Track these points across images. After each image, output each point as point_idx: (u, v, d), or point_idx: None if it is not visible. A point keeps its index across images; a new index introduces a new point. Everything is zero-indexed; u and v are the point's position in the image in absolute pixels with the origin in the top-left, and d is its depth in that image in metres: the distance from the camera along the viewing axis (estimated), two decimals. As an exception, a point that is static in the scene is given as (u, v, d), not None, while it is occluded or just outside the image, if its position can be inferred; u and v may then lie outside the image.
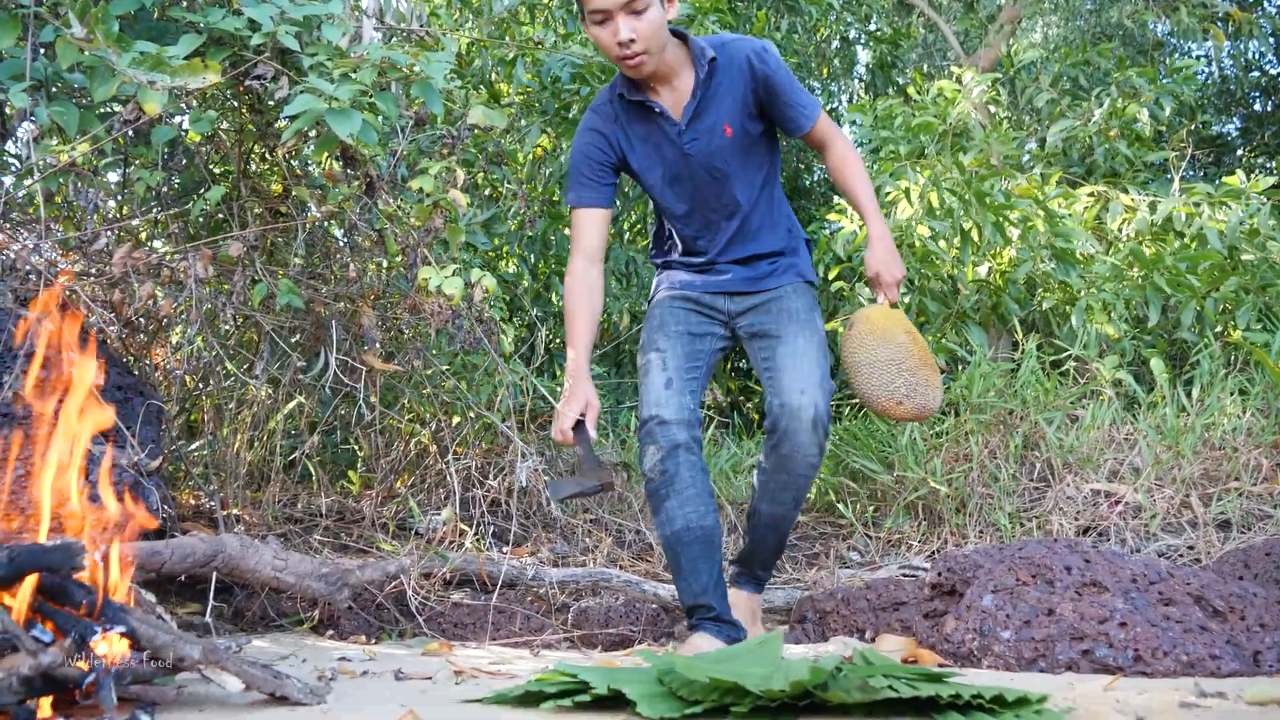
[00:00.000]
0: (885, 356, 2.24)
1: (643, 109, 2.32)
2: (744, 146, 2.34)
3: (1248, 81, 8.98)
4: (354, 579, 2.31)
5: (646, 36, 2.17)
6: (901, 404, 2.23)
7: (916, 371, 2.25)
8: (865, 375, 2.27)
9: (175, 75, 2.07)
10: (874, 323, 2.30)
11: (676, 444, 2.24)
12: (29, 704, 1.27)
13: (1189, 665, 1.76)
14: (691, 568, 2.20)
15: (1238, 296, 4.26)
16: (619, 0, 2.14)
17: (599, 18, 2.17)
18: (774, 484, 2.34)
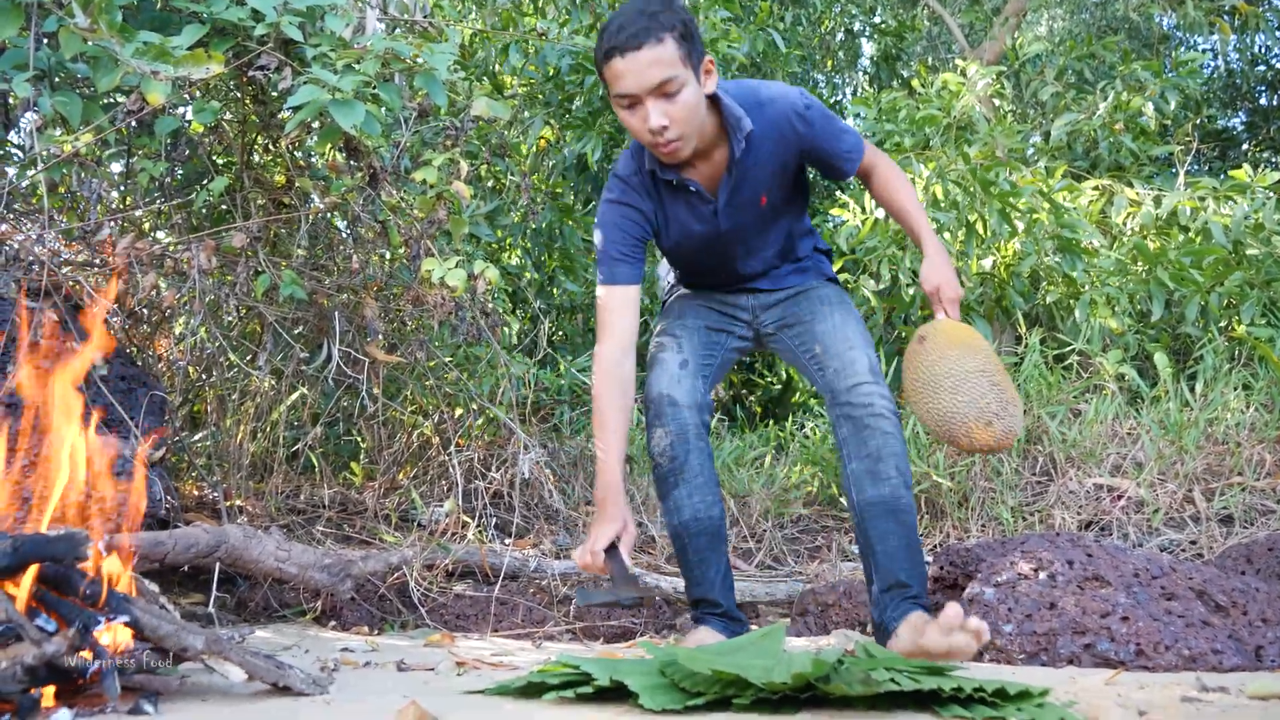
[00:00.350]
0: (974, 366, 1.93)
1: (674, 186, 2.12)
2: (778, 206, 2.18)
3: (1254, 75, 8.95)
4: (357, 570, 2.32)
5: (681, 120, 1.93)
6: (991, 425, 1.89)
7: (1006, 387, 1.95)
8: (950, 391, 1.93)
9: (179, 66, 2.07)
10: (952, 334, 2.01)
11: (686, 428, 2.10)
12: (33, 693, 1.27)
13: (1191, 660, 1.76)
14: (699, 559, 2.11)
15: (1242, 291, 4.25)
16: (648, 84, 1.90)
17: (626, 102, 1.94)
18: (864, 456, 2.02)
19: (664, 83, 1.89)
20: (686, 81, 1.91)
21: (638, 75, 1.89)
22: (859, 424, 2.04)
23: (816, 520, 3.59)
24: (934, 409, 1.95)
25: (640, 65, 1.88)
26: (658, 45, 1.88)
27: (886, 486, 1.99)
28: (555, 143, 5.12)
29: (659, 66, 1.88)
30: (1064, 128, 5.89)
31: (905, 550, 1.97)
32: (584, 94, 4.54)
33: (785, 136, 2.08)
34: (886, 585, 1.95)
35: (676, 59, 1.90)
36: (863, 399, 2.05)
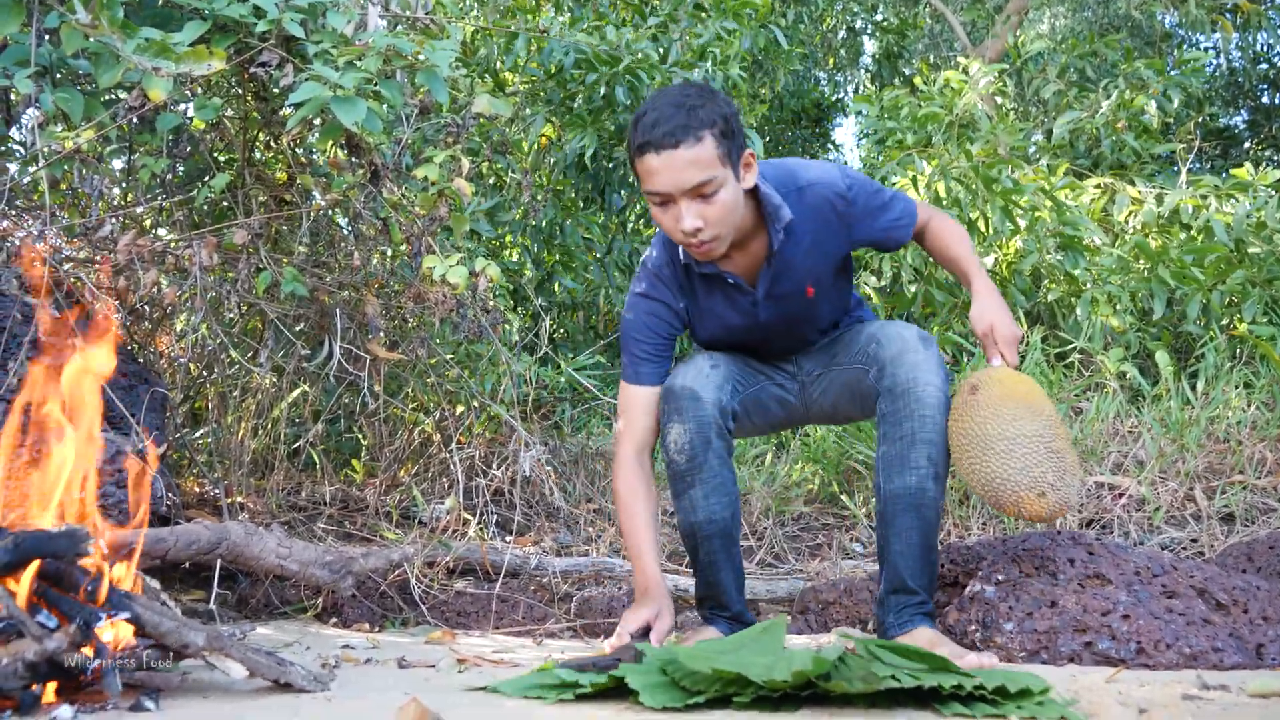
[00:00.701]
0: (1032, 431, 1.75)
1: (710, 278, 2.02)
2: (824, 291, 2.07)
3: (1256, 74, 8.94)
4: (357, 567, 2.32)
5: (717, 221, 1.83)
6: (1045, 496, 1.73)
7: (1064, 455, 1.77)
8: (1001, 455, 1.74)
9: (180, 62, 2.07)
10: (1010, 387, 1.80)
11: (707, 425, 1.97)
12: (34, 689, 1.27)
13: (1191, 658, 1.76)
14: (709, 561, 2.05)
15: (1244, 289, 4.25)
16: (683, 186, 1.78)
17: (659, 199, 1.83)
18: (898, 439, 1.90)
19: (701, 184, 1.78)
20: (725, 181, 1.81)
21: (673, 175, 1.78)
22: (897, 399, 1.90)
23: (817, 518, 3.60)
24: (982, 472, 1.77)
25: (676, 165, 1.77)
26: (696, 145, 1.77)
27: (913, 476, 1.88)
28: (556, 140, 5.12)
29: (696, 168, 1.77)
30: (1066, 126, 5.89)
31: (920, 550, 1.89)
32: (585, 91, 4.54)
33: (828, 222, 1.98)
34: (893, 587, 1.91)
35: (715, 159, 1.79)
36: (907, 371, 1.91)
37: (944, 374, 1.93)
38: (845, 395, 2.14)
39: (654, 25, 4.57)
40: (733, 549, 2.06)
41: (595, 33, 4.18)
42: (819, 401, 2.19)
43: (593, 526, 3.24)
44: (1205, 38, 9.05)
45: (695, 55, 4.60)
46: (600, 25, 4.34)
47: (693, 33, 4.67)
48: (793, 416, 2.24)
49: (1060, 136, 5.98)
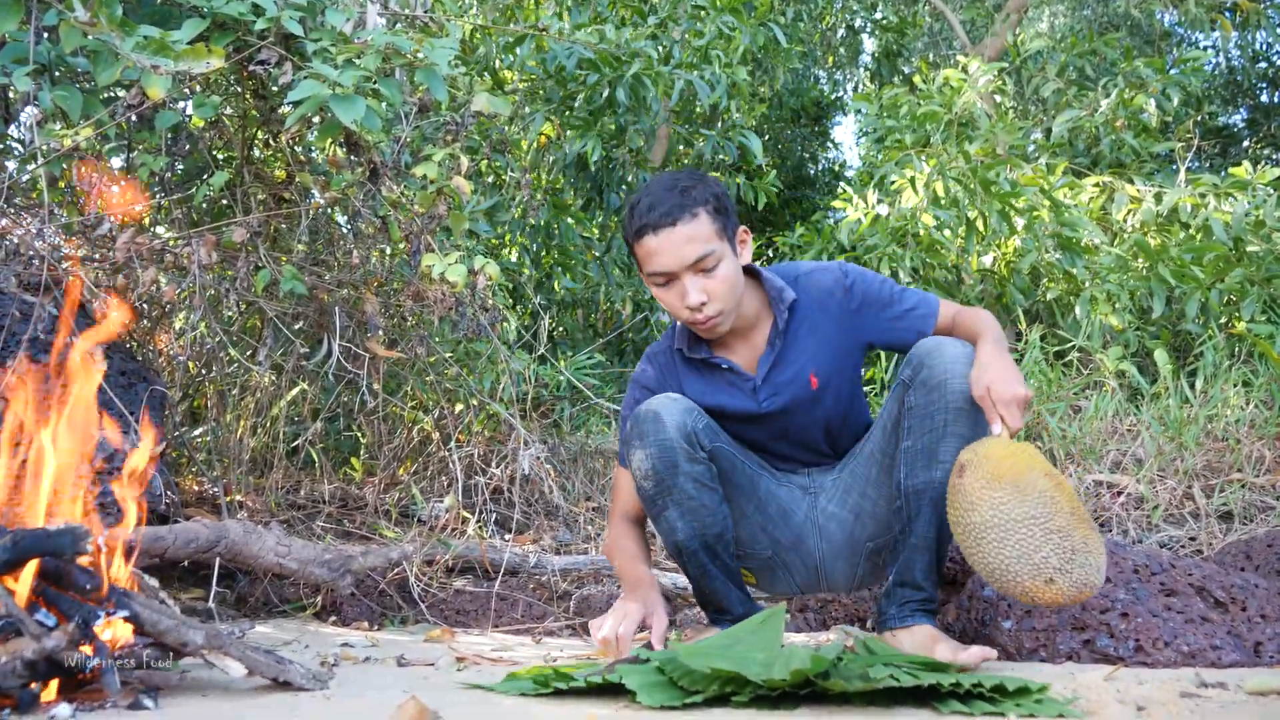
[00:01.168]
0: (1020, 514, 1.59)
1: (709, 366, 2.01)
2: (830, 389, 2.00)
3: (1255, 72, 8.94)
4: (356, 565, 2.32)
5: (721, 295, 1.86)
6: (1054, 581, 1.57)
7: (1070, 533, 1.59)
8: (994, 545, 1.60)
9: (179, 60, 2.07)
10: (998, 464, 1.64)
11: (669, 449, 1.90)
12: (33, 687, 1.27)
13: (1190, 656, 1.76)
14: (700, 574, 2.00)
15: (1242, 288, 4.25)
16: (684, 261, 1.84)
17: (662, 279, 1.87)
18: (927, 431, 1.84)
19: (701, 259, 1.84)
20: (723, 256, 1.86)
21: (673, 252, 1.84)
22: (931, 391, 1.84)
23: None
24: (983, 563, 1.63)
25: (675, 243, 1.83)
26: (692, 221, 1.84)
27: (939, 471, 1.83)
28: (555, 140, 5.12)
29: (695, 243, 1.83)
30: (1065, 124, 5.89)
31: (935, 546, 1.87)
32: (585, 91, 4.54)
33: (829, 310, 1.99)
34: (901, 580, 1.90)
35: (712, 234, 1.85)
36: (945, 364, 1.83)
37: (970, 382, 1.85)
38: (869, 489, 2.03)
39: (654, 25, 4.57)
40: (722, 558, 2.00)
41: (596, 33, 4.18)
42: (835, 515, 2.07)
43: (592, 525, 3.24)
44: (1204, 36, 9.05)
45: (699, 56, 4.60)
46: (600, 25, 4.34)
47: (694, 32, 4.66)
48: (801, 541, 2.09)
49: (1059, 135, 5.99)
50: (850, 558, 2.08)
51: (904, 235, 4.75)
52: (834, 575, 2.10)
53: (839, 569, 2.09)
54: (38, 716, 1.24)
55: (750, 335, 2.01)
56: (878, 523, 2.03)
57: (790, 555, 2.09)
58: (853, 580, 2.12)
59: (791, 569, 2.10)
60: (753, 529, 2.07)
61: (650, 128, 4.90)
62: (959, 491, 1.66)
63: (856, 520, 2.05)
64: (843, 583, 2.13)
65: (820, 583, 2.12)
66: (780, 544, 2.08)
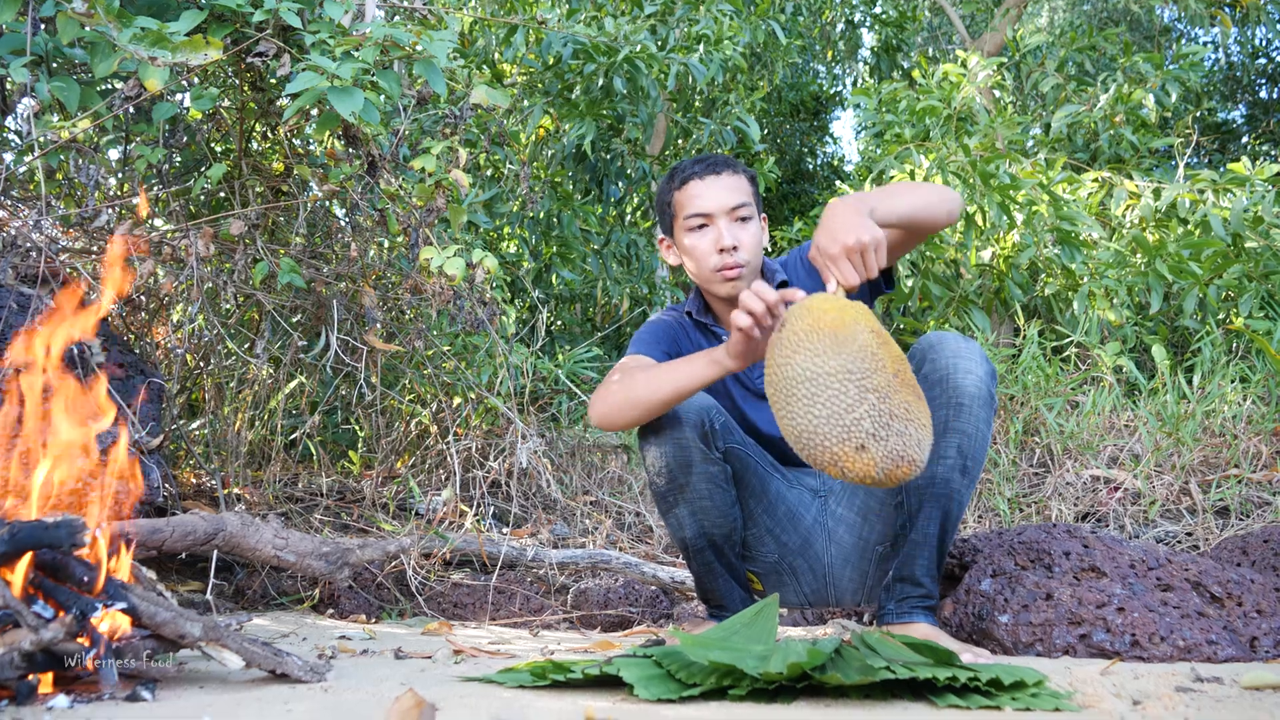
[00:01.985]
0: (836, 366, 1.42)
1: (709, 333, 2.08)
2: None
3: (1254, 68, 8.94)
4: (354, 558, 2.32)
5: (749, 248, 1.98)
6: (865, 449, 1.41)
7: (889, 395, 1.43)
8: (804, 401, 1.44)
9: (176, 52, 2.06)
10: (819, 314, 1.49)
11: (685, 447, 1.90)
12: (30, 679, 1.27)
13: (1186, 650, 1.77)
14: (705, 570, 2.04)
15: (1240, 284, 4.25)
16: (725, 205, 1.97)
17: (698, 222, 1.99)
18: None
19: (739, 206, 1.99)
20: (754, 216, 2.01)
21: (716, 196, 1.99)
22: (933, 386, 1.83)
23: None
24: (790, 424, 1.47)
25: (720, 187, 1.99)
26: (734, 176, 2.02)
27: (940, 466, 1.83)
28: (554, 132, 5.11)
29: (737, 192, 2.00)
30: (1064, 120, 5.89)
31: (935, 543, 1.88)
32: (583, 82, 4.53)
33: (806, 285, 2.07)
34: (900, 575, 1.91)
35: (750, 193, 2.03)
36: (948, 358, 1.83)
37: (989, 368, 1.85)
38: (875, 489, 2.02)
39: (651, 15, 4.56)
40: (728, 556, 2.02)
41: (593, 23, 4.17)
42: (844, 518, 2.08)
43: (589, 519, 3.24)
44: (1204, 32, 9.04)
45: (692, 41, 4.59)
46: (598, 16, 4.33)
47: (690, 20, 4.66)
48: (809, 545, 2.09)
49: (1058, 130, 5.98)
50: (859, 564, 2.08)
51: (902, 230, 4.75)
52: (842, 583, 2.10)
53: (848, 575, 2.09)
54: (35, 708, 1.24)
55: None
56: (885, 523, 2.03)
57: (797, 560, 2.09)
58: (862, 588, 2.10)
59: (799, 575, 2.10)
60: (760, 532, 2.07)
61: (648, 117, 4.90)
62: (774, 346, 1.52)
63: (864, 521, 2.05)
64: (851, 592, 2.11)
65: (828, 591, 2.11)
66: (787, 548, 2.08)
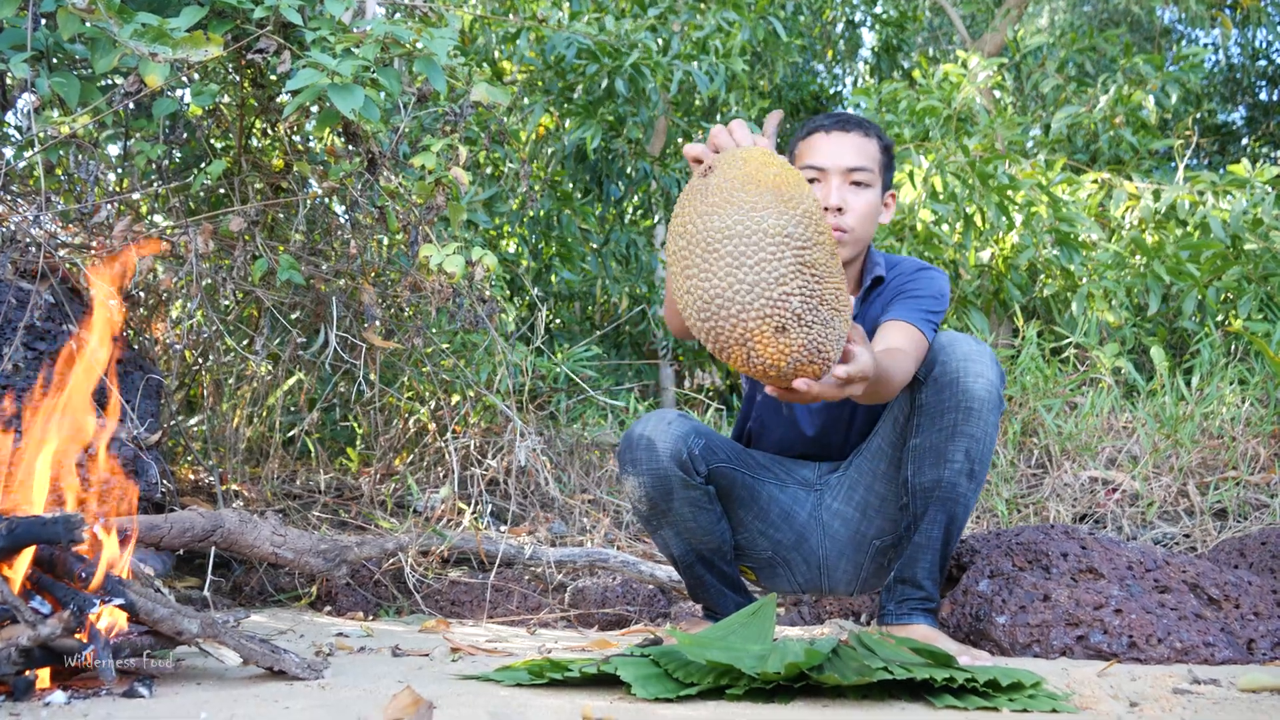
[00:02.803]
0: (776, 227, 1.20)
1: None
2: None
3: (1254, 70, 8.94)
4: (352, 555, 2.32)
5: (857, 217, 1.87)
6: (786, 331, 1.20)
7: (825, 276, 1.24)
8: (728, 261, 1.20)
9: (177, 48, 2.06)
10: (759, 166, 1.26)
11: (663, 477, 1.89)
12: (28, 675, 1.27)
13: (1183, 652, 1.77)
14: (697, 582, 2.04)
15: (1239, 286, 4.25)
16: (843, 164, 1.87)
17: (810, 175, 1.88)
18: (936, 429, 1.82)
19: (857, 169, 1.88)
20: (874, 185, 1.90)
21: (837, 152, 1.88)
22: (942, 389, 1.81)
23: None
24: (700, 285, 1.22)
25: (844, 145, 1.89)
26: (865, 140, 1.91)
27: (947, 470, 1.82)
28: (555, 130, 5.11)
29: (860, 154, 1.89)
30: (1064, 120, 5.89)
31: (939, 546, 1.87)
32: (584, 82, 4.53)
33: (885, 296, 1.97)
34: (902, 576, 1.91)
35: (876, 163, 1.91)
36: (958, 361, 1.80)
37: (999, 372, 1.83)
38: (877, 483, 2.01)
39: (654, 17, 4.56)
40: (719, 567, 2.02)
41: (595, 24, 4.17)
42: (840, 513, 2.06)
43: (587, 517, 3.24)
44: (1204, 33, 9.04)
45: (696, 48, 4.59)
46: (600, 16, 4.32)
47: (693, 25, 4.66)
48: (804, 540, 2.08)
49: (1058, 131, 5.98)
50: (855, 556, 2.07)
51: (902, 229, 4.75)
52: (836, 574, 2.10)
53: (842, 568, 2.09)
54: (33, 704, 1.24)
55: None
56: (885, 519, 2.03)
57: (792, 554, 2.09)
58: (856, 581, 2.11)
59: (793, 567, 2.10)
60: (752, 534, 2.07)
61: (649, 119, 4.90)
62: (697, 192, 1.26)
63: (863, 517, 2.05)
64: (845, 583, 2.11)
65: (822, 581, 2.11)
66: (781, 544, 2.08)
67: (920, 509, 1.88)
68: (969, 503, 1.86)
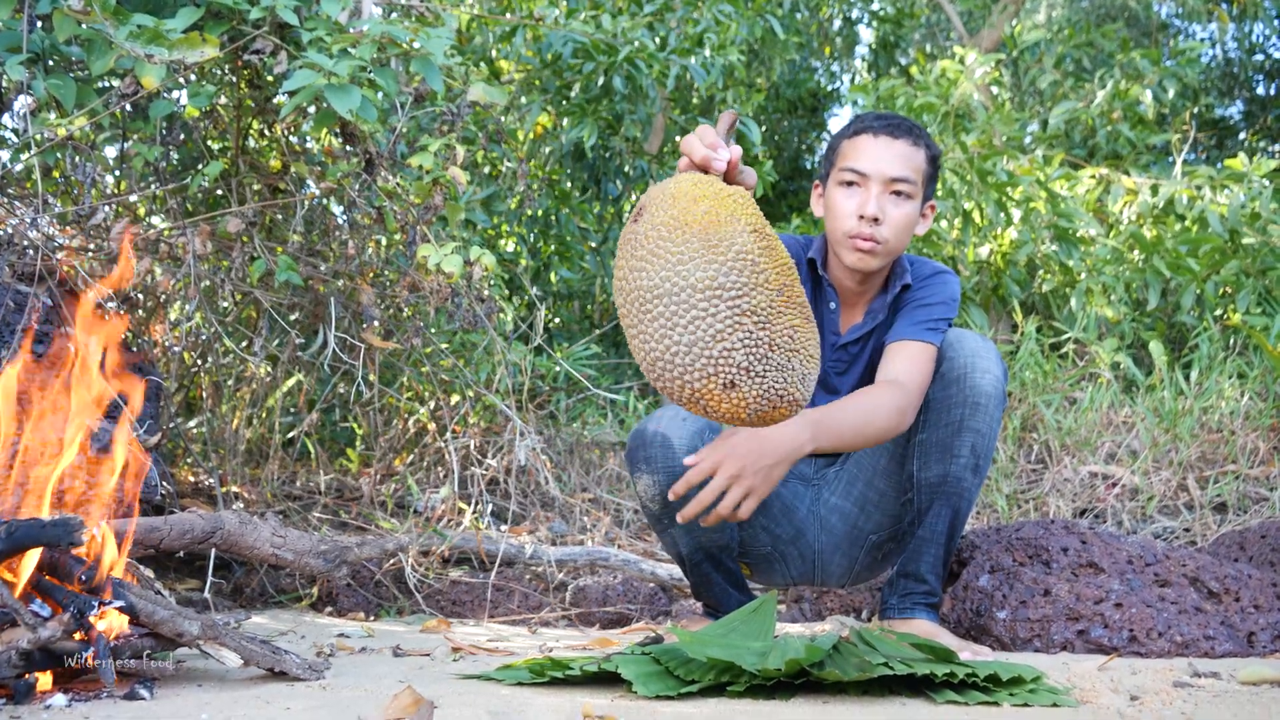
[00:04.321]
0: (705, 279, 1.11)
1: (820, 288, 1.96)
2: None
3: (1251, 64, 8.94)
4: (352, 556, 2.32)
5: (893, 228, 1.83)
6: (735, 386, 1.12)
7: (771, 319, 1.13)
8: (663, 323, 1.13)
9: (173, 49, 2.06)
10: (687, 205, 1.15)
11: (678, 473, 1.83)
12: (28, 678, 1.27)
13: (1183, 646, 1.77)
14: (702, 579, 2.03)
15: (1238, 280, 4.25)
16: (886, 173, 1.82)
17: (850, 178, 1.84)
18: (943, 425, 1.84)
19: (900, 180, 1.83)
20: (914, 198, 1.85)
21: (881, 159, 1.83)
22: (949, 385, 1.83)
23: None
24: (642, 346, 1.16)
25: (889, 152, 1.83)
26: (913, 148, 1.85)
27: (953, 464, 1.83)
28: (552, 129, 5.11)
29: (905, 164, 1.83)
30: (1062, 116, 5.89)
31: (943, 540, 1.88)
32: (582, 80, 4.53)
33: None
34: (905, 570, 1.92)
35: (921, 174, 1.86)
36: (966, 357, 1.83)
37: (1004, 368, 1.86)
38: (877, 479, 2.00)
39: (650, 13, 4.56)
40: (725, 565, 2.01)
41: (591, 21, 4.17)
42: (838, 507, 2.06)
43: (588, 516, 3.24)
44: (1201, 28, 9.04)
45: (692, 42, 4.59)
46: (596, 14, 4.32)
47: (690, 20, 4.65)
48: (801, 535, 2.08)
49: (1056, 127, 5.98)
50: (850, 550, 2.08)
51: (900, 227, 4.75)
52: (830, 568, 2.10)
53: (836, 561, 2.09)
54: (33, 706, 1.24)
55: (866, 292, 1.96)
56: (884, 514, 2.03)
57: (788, 548, 2.09)
58: (849, 574, 2.12)
59: (788, 561, 2.11)
60: (754, 530, 2.07)
61: (647, 116, 4.89)
62: (629, 242, 1.17)
63: (861, 512, 2.05)
64: (837, 576, 2.12)
65: (815, 575, 2.12)
66: (780, 539, 2.08)
67: (925, 503, 1.88)
68: (972, 497, 1.88)
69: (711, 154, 1.24)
